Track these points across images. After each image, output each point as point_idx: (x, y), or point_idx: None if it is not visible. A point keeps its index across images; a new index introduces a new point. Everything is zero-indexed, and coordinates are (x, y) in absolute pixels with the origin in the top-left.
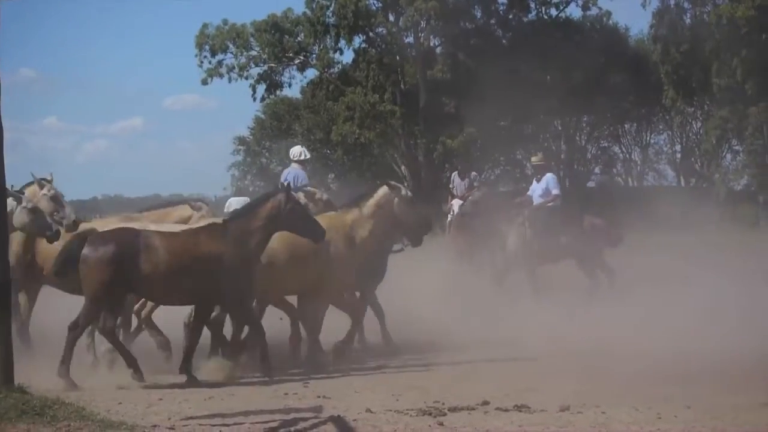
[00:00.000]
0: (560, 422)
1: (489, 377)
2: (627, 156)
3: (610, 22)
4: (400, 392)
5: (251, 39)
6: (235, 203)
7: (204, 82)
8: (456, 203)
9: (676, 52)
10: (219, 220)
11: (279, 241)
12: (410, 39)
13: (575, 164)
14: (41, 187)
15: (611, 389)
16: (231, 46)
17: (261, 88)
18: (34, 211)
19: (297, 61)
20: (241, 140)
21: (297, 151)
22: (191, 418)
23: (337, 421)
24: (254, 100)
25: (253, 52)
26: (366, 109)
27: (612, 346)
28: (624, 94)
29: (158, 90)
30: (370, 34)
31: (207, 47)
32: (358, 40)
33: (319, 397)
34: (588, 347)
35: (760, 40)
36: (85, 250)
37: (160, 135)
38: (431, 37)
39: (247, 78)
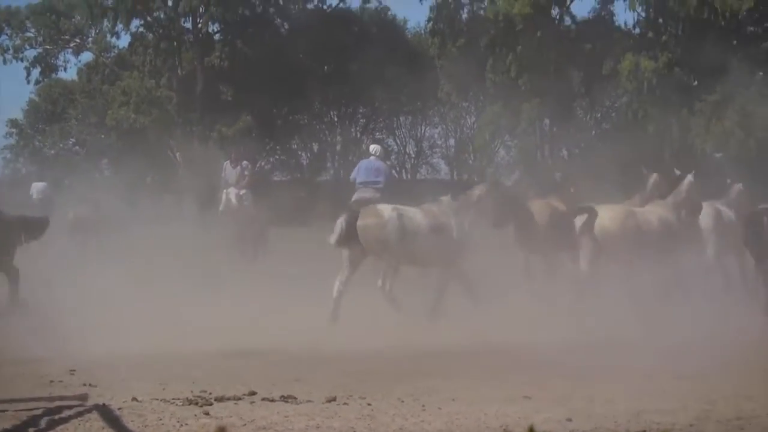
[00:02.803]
0: (326, 413)
1: (257, 367)
2: (402, 149)
3: (389, 14)
4: (167, 381)
5: (27, 21)
6: (37, 187)
7: None
8: (232, 191)
9: (452, 47)
10: None
11: None
12: (188, 24)
13: (350, 156)
14: None
15: (377, 381)
16: (5, 27)
17: (35, 71)
18: None
19: (73, 44)
20: (13, 123)
21: (377, 148)
22: None
23: (102, 409)
24: (28, 82)
25: (29, 34)
26: (142, 95)
27: (377, 339)
28: (400, 86)
29: None
30: (148, 18)
31: None
32: (135, 24)
33: (84, 384)
34: (354, 340)
35: (534, 38)
36: None
37: None
38: (210, 23)
39: (21, 60)
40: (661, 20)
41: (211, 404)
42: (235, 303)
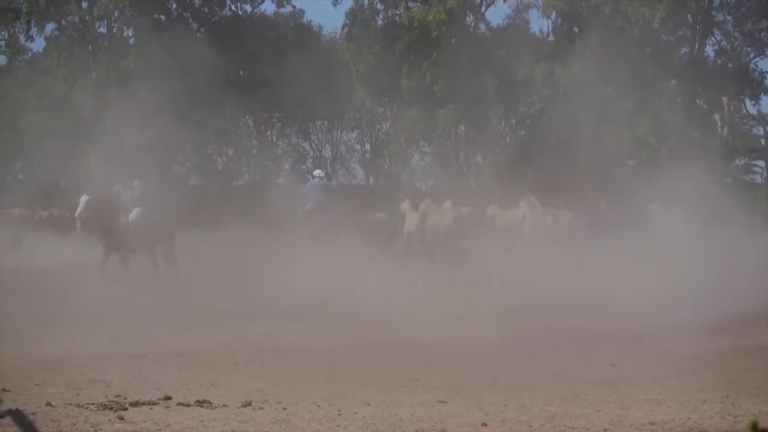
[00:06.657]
0: (241, 418)
1: (172, 371)
2: (318, 153)
3: (304, 19)
4: (81, 386)
5: None
6: None
7: None
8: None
9: (367, 53)
10: None
11: None
12: (103, 29)
13: (266, 160)
14: None
15: (293, 385)
16: None
17: None
18: None
19: None
20: None
21: (319, 172)
22: None
23: (15, 414)
24: None
25: None
26: (58, 98)
27: (292, 340)
28: (315, 91)
29: None
30: (63, 22)
31: None
32: (50, 28)
33: None
34: (270, 342)
35: (449, 44)
36: None
37: None
38: (125, 27)
39: None
40: (576, 29)
41: (125, 409)
42: (157, 303)
